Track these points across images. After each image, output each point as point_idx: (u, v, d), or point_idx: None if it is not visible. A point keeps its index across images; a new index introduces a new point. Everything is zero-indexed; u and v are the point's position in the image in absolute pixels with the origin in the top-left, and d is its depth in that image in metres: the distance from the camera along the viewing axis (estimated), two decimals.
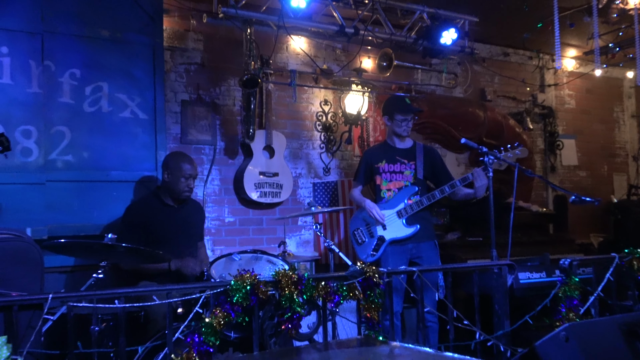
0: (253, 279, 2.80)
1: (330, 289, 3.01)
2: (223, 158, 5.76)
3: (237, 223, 5.80)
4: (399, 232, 4.69)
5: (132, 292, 2.70)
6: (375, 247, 4.72)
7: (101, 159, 4.81)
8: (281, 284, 2.87)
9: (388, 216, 4.72)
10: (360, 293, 3.09)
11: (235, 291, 2.75)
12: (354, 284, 3.09)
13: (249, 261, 3.82)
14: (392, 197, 4.76)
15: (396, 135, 4.86)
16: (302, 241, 6.14)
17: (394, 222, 4.70)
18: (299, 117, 6.22)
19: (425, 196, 4.66)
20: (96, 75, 4.83)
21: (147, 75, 5.03)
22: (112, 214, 4.76)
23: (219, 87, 5.78)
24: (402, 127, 4.79)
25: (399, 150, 4.86)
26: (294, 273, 2.90)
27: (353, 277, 3.08)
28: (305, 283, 2.91)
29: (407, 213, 4.68)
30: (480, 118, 6.86)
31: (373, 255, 4.70)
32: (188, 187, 4.43)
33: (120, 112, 4.90)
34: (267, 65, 5.79)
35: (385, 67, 6.13)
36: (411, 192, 4.72)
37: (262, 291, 2.80)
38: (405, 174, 4.78)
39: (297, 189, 6.14)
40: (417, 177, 4.76)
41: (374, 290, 3.13)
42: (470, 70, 7.13)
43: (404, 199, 4.72)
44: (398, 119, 4.79)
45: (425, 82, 6.87)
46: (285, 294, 2.86)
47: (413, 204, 4.67)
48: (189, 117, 5.59)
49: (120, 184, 4.87)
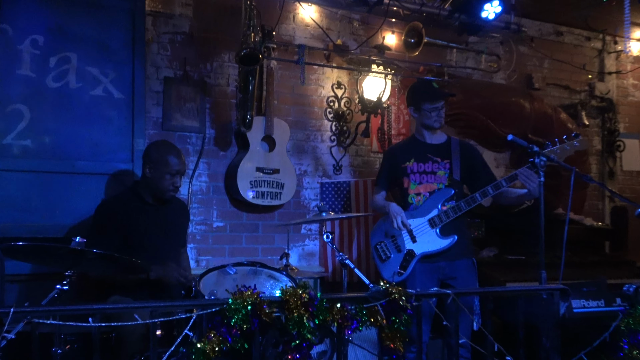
0: (255, 298, 2.81)
1: (347, 312, 3.01)
2: (213, 149, 5.77)
3: (228, 229, 5.82)
4: (432, 244, 4.70)
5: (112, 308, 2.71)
6: (403, 263, 4.73)
7: (67, 146, 4.84)
8: (289, 304, 2.88)
9: (418, 225, 4.73)
10: (382, 319, 3.10)
11: (234, 311, 2.76)
12: (375, 308, 3.09)
13: (245, 276, 3.83)
14: (423, 203, 4.77)
15: (426, 128, 4.87)
16: (305, 253, 6.16)
17: (426, 232, 4.71)
18: (306, 103, 6.23)
19: (464, 200, 4.67)
20: (63, 44, 4.85)
21: (124, 47, 5.06)
22: (78, 212, 4.79)
23: (211, 63, 5.79)
24: (432, 117, 4.81)
25: (431, 146, 4.87)
26: (304, 292, 2.90)
27: (375, 299, 3.09)
28: (317, 305, 2.91)
29: (442, 221, 4.69)
30: (525, 110, 6.84)
31: (400, 274, 4.71)
32: (174, 185, 4.44)
33: (91, 90, 4.93)
34: (270, 38, 5.79)
35: (413, 44, 6.13)
36: (446, 196, 4.74)
37: (265, 312, 2.81)
38: (439, 175, 4.79)
39: (301, 189, 6.16)
40: (453, 178, 4.77)
41: (400, 315, 3.13)
42: (516, 52, 7.13)
43: (438, 204, 4.73)
44: (426, 109, 4.81)
45: (460, 65, 6.87)
46: (294, 316, 2.86)
47: (449, 209, 4.68)
48: (173, 99, 5.60)
49: (89, 177, 4.90)
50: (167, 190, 4.46)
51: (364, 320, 3.07)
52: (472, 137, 6.82)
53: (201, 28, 5.72)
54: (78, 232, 3.99)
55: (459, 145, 4.89)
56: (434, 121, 4.81)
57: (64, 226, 4.74)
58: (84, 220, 4.76)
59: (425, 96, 4.83)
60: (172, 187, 4.47)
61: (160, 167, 4.40)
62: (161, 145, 4.60)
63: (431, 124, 4.82)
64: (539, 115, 6.90)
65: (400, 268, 4.73)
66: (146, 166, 4.45)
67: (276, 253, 5.80)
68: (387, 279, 4.63)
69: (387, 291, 3.13)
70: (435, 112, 4.80)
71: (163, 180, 4.42)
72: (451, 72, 6.68)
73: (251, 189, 5.66)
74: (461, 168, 4.79)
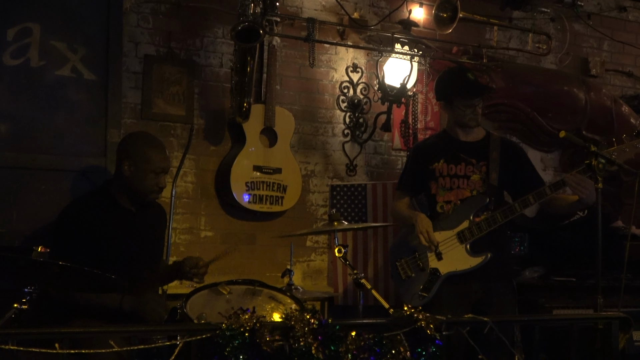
0: (254, 323, 2.83)
1: (364, 342, 3.02)
2: (202, 143, 5.80)
3: (219, 239, 5.84)
4: (460, 263, 4.71)
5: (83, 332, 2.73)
6: (427, 284, 4.74)
7: (26, 135, 4.88)
8: (294, 331, 2.89)
9: (445, 240, 4.73)
10: (406, 350, 3.11)
11: (228, 339, 2.77)
12: (398, 337, 3.11)
13: (242, 296, 3.85)
14: (452, 212, 4.78)
15: (460, 125, 4.90)
16: (310, 270, 6.19)
17: (454, 248, 4.72)
18: (315, 89, 6.26)
19: (500, 210, 4.67)
20: (23, 12, 4.89)
21: (97, 16, 5.10)
22: (39, 217, 4.81)
23: (200, 39, 5.81)
24: (466, 115, 4.81)
25: (465, 144, 4.89)
26: (313, 317, 2.92)
27: (397, 327, 3.11)
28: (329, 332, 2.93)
29: (473, 235, 4.69)
30: (579, 101, 6.88)
31: (422, 298, 4.71)
32: (158, 185, 4.45)
33: (56, 69, 4.96)
34: (273, 9, 5.77)
35: (446, 20, 6.14)
36: (479, 205, 4.74)
37: (266, 341, 2.82)
38: (472, 180, 4.80)
39: (308, 193, 6.17)
40: (490, 184, 4.77)
41: (427, 347, 3.14)
42: (569, 31, 7.12)
43: (470, 215, 4.74)
44: (459, 106, 4.82)
45: (502, 45, 6.86)
46: (300, 346, 2.88)
47: (482, 222, 4.68)
48: (155, 81, 5.62)
49: (52, 174, 4.94)
50: (150, 192, 4.46)
51: (384, 352, 3.08)
52: (515, 133, 6.86)
53: None
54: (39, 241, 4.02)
55: (501, 144, 4.89)
56: (469, 119, 4.82)
57: (20, 233, 4.77)
58: (45, 225, 4.78)
59: (458, 90, 4.83)
60: (156, 188, 4.48)
61: (142, 164, 4.39)
62: (141, 137, 4.61)
63: (465, 122, 4.83)
64: (596, 107, 6.92)
65: (422, 290, 4.74)
66: (123, 163, 4.43)
67: (277, 269, 5.79)
68: (406, 301, 4.68)
69: (412, 317, 3.15)
70: (470, 110, 4.80)
71: (145, 180, 4.41)
72: (491, 54, 6.66)
73: (247, 192, 5.68)
74: (500, 171, 4.79)
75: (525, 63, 7.03)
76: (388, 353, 3.10)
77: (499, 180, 4.78)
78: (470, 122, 4.82)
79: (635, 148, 4.48)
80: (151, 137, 4.63)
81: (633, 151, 4.47)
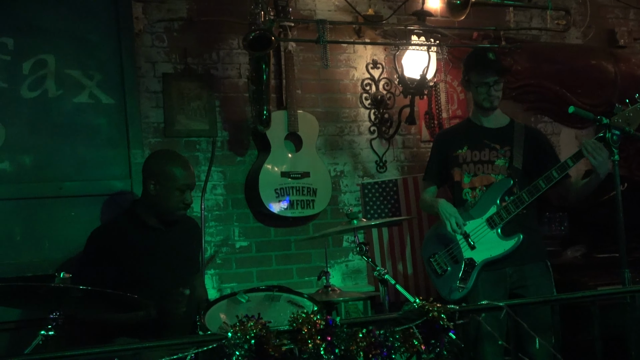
0: (260, 329, 2.83)
1: (374, 338, 3.01)
2: (228, 155, 5.82)
3: (254, 248, 5.86)
4: (494, 248, 4.71)
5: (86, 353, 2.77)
6: (463, 276, 4.75)
7: (50, 165, 4.96)
8: (301, 334, 2.89)
9: (475, 228, 4.75)
10: (420, 343, 3.09)
11: (234, 347, 2.78)
12: (410, 330, 3.08)
13: (260, 303, 3.87)
14: (479, 200, 4.79)
15: (480, 108, 4.88)
16: (349, 270, 6.17)
17: (485, 235, 4.73)
18: (337, 89, 6.24)
19: (526, 190, 4.66)
20: (37, 45, 4.98)
21: (108, 41, 5.17)
22: (71, 243, 4.88)
23: (216, 52, 5.84)
24: (481, 94, 4.81)
25: (489, 130, 4.90)
26: (319, 317, 2.91)
27: (408, 320, 3.08)
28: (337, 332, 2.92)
29: (502, 219, 4.70)
30: (609, 74, 6.80)
31: (462, 290, 4.73)
32: (184, 202, 4.50)
33: (73, 97, 5.05)
34: (285, 14, 5.80)
35: (460, 6, 6.08)
36: (505, 188, 4.75)
37: (273, 346, 2.82)
38: (497, 165, 4.81)
39: (339, 194, 6.17)
40: (513, 167, 4.76)
41: (441, 338, 3.11)
42: (590, 3, 7.01)
43: (496, 200, 4.75)
44: (474, 83, 4.82)
45: (522, 26, 6.79)
46: (309, 348, 2.87)
47: (509, 204, 4.68)
48: (175, 98, 5.66)
49: (79, 200, 5.02)
50: (177, 209, 4.52)
51: (397, 347, 3.06)
52: (546, 113, 6.83)
53: (202, 11, 5.76)
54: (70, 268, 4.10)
55: (525, 131, 4.89)
56: (484, 99, 4.81)
57: (53, 261, 4.84)
58: (77, 252, 4.85)
59: (473, 67, 4.86)
60: (182, 205, 4.53)
61: (166, 182, 4.45)
62: (163, 155, 4.67)
63: (481, 102, 4.82)
64: (627, 77, 6.83)
65: (460, 282, 4.75)
66: (149, 182, 4.50)
67: (314, 273, 5.80)
68: (445, 296, 4.71)
69: (423, 309, 3.12)
70: (484, 88, 4.78)
71: (171, 198, 4.47)
72: (511, 36, 6.59)
73: (277, 199, 5.69)
74: (525, 155, 4.79)
75: (549, 41, 6.93)
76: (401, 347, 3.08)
77: (523, 164, 4.78)
78: (485, 102, 4.82)
79: None
80: (174, 154, 4.67)
81: None
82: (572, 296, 4.28)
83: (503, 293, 4.68)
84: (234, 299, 3.86)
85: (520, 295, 4.67)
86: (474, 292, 4.71)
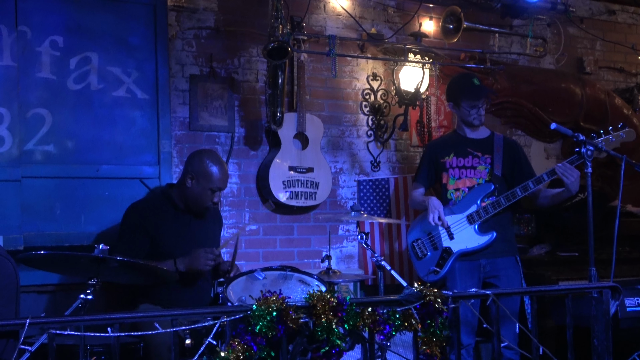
0: (280, 303, 2.85)
1: (379, 317, 3.04)
2: (243, 149, 5.83)
3: (261, 232, 5.87)
4: (469, 241, 4.78)
5: (129, 317, 2.78)
6: (440, 261, 4.84)
7: (90, 149, 4.96)
8: (316, 309, 2.91)
9: (456, 222, 4.82)
10: (417, 323, 3.12)
11: (258, 318, 2.80)
12: (409, 311, 3.12)
13: (275, 281, 3.89)
14: (462, 199, 4.87)
15: (466, 124, 4.96)
16: (343, 255, 6.19)
17: (464, 229, 4.81)
18: (340, 96, 6.25)
19: (504, 195, 4.74)
20: (83, 43, 4.97)
21: (146, 43, 5.16)
22: (103, 219, 4.92)
23: (238, 58, 5.84)
24: (471, 115, 4.91)
25: (472, 140, 4.98)
26: (332, 296, 2.93)
27: (408, 302, 3.11)
28: (347, 309, 2.95)
29: (481, 217, 4.77)
30: (576, 96, 6.84)
31: (436, 273, 4.81)
32: (212, 201, 4.51)
33: (113, 91, 5.04)
34: (299, 29, 5.83)
35: (452, 30, 6.11)
36: (485, 192, 4.83)
37: (292, 318, 2.85)
38: (479, 170, 4.90)
39: (338, 188, 6.18)
40: (494, 174, 4.85)
41: (436, 319, 3.15)
42: (564, 34, 7.05)
43: (477, 200, 4.83)
44: (465, 107, 4.91)
45: (504, 50, 6.83)
46: (322, 322, 2.90)
47: (488, 205, 4.76)
48: (200, 97, 5.67)
49: (113, 182, 5.03)
50: (205, 207, 4.54)
51: (398, 325, 3.10)
52: (520, 127, 6.86)
53: (227, 22, 5.77)
54: (104, 240, 4.10)
55: (502, 141, 4.99)
56: (473, 119, 4.92)
57: (89, 234, 4.87)
58: (110, 227, 4.87)
59: (464, 92, 4.92)
60: (210, 204, 4.54)
61: (203, 181, 4.45)
62: (207, 155, 4.61)
63: (471, 121, 4.92)
64: (591, 101, 6.89)
65: (436, 266, 4.85)
66: (188, 176, 4.48)
67: (313, 256, 5.89)
68: (422, 277, 4.85)
69: (422, 293, 3.16)
70: (474, 110, 4.90)
71: (203, 195, 4.48)
72: (494, 59, 6.63)
73: (285, 190, 5.70)
74: (503, 164, 4.89)
75: (526, 65, 6.98)
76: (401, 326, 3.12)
77: (502, 171, 4.88)
78: (475, 121, 4.92)
79: (620, 137, 4.59)
80: (218, 158, 4.63)
81: (618, 140, 4.59)
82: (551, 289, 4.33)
83: (477, 281, 4.79)
84: (251, 276, 3.88)
85: (492, 284, 4.77)
86: (452, 278, 4.79)
